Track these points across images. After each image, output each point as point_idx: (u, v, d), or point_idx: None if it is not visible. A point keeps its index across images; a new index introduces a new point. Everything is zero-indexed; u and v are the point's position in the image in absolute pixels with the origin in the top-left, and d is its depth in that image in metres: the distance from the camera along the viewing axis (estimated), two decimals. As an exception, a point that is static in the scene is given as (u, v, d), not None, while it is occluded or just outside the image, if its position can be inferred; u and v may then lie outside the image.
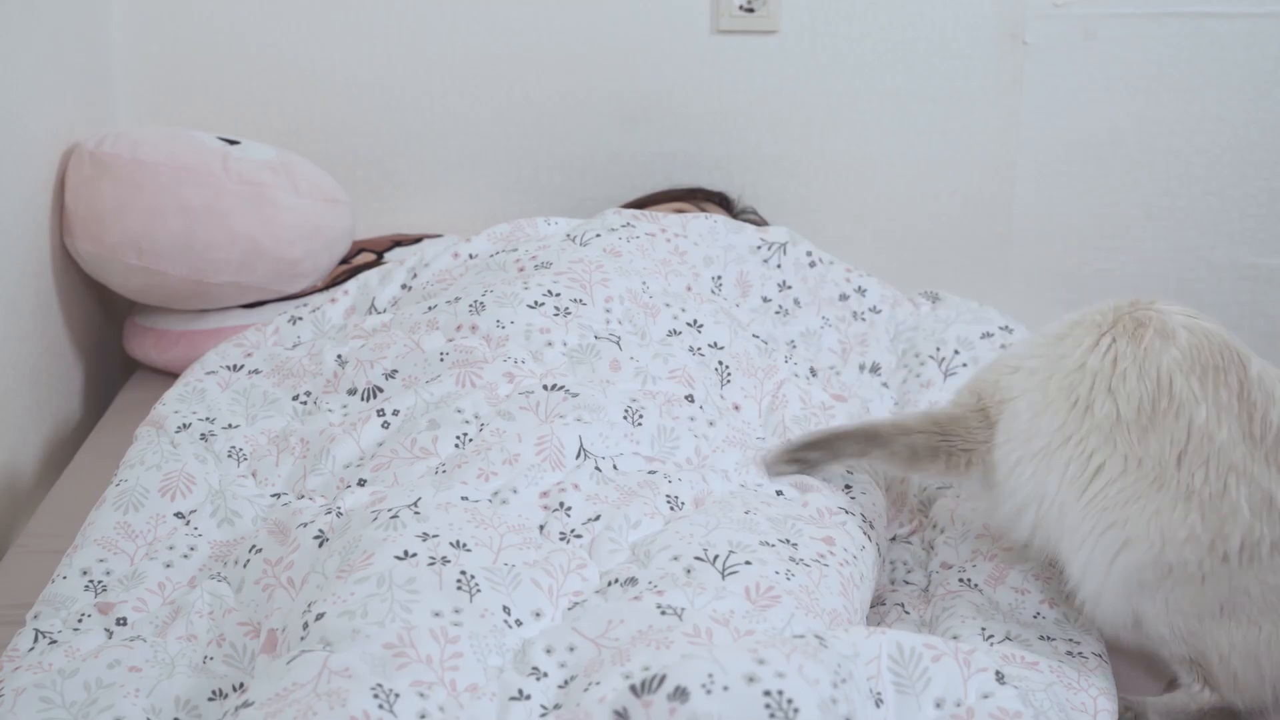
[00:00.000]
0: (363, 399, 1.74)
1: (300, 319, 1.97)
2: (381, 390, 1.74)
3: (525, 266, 1.93)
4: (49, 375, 2.10)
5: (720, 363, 1.80)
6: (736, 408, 1.77)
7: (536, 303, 1.81)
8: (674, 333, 1.83)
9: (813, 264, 2.10)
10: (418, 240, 2.35)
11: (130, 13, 2.42)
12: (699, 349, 1.81)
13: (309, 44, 2.45)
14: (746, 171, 2.51)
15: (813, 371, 1.92)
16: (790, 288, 2.06)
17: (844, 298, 2.09)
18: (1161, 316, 1.39)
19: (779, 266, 2.08)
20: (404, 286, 2.02)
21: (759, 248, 2.08)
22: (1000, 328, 2.05)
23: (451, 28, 2.45)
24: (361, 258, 2.31)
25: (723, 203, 2.46)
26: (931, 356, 2.00)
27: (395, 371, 1.75)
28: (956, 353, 2.00)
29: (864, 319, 2.08)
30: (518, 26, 2.45)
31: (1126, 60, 2.42)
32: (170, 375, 2.16)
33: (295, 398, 1.78)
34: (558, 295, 1.83)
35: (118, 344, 2.42)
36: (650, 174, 2.51)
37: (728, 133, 2.50)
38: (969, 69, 2.44)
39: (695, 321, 1.85)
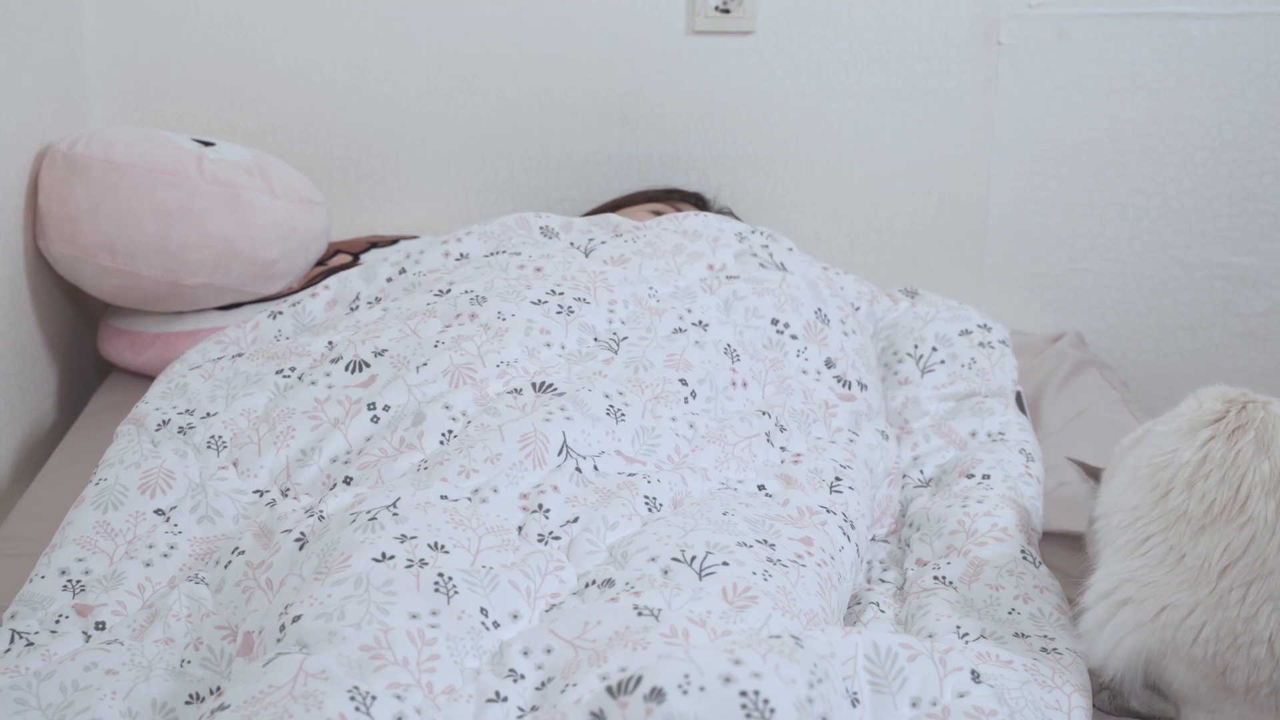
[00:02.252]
0: (348, 370, 1.72)
1: (281, 313, 1.95)
2: (369, 365, 1.72)
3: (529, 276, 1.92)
4: (22, 378, 2.09)
5: (728, 345, 1.80)
6: (744, 385, 1.77)
7: (540, 300, 1.81)
8: (679, 330, 1.83)
9: (790, 263, 2.10)
10: (394, 242, 2.34)
11: (103, 13, 2.40)
12: (702, 344, 1.80)
13: (284, 45, 2.45)
14: (723, 172, 2.52)
15: (828, 363, 1.89)
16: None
17: (821, 296, 2.09)
18: (1268, 420, 1.36)
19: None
20: (388, 280, 2.00)
21: (736, 247, 2.08)
22: (979, 325, 2.04)
23: (427, 28, 2.45)
24: (337, 259, 2.30)
25: (699, 203, 2.46)
26: (910, 354, 2.00)
27: (385, 350, 1.73)
28: (935, 350, 2.00)
29: (841, 317, 2.08)
30: (493, 27, 2.45)
31: (1101, 60, 2.44)
32: (145, 377, 2.15)
33: (279, 371, 1.76)
34: (561, 294, 1.83)
35: (92, 346, 2.41)
36: (626, 174, 2.51)
37: (704, 133, 2.50)
38: (944, 69, 2.45)
39: (701, 322, 1.84)
